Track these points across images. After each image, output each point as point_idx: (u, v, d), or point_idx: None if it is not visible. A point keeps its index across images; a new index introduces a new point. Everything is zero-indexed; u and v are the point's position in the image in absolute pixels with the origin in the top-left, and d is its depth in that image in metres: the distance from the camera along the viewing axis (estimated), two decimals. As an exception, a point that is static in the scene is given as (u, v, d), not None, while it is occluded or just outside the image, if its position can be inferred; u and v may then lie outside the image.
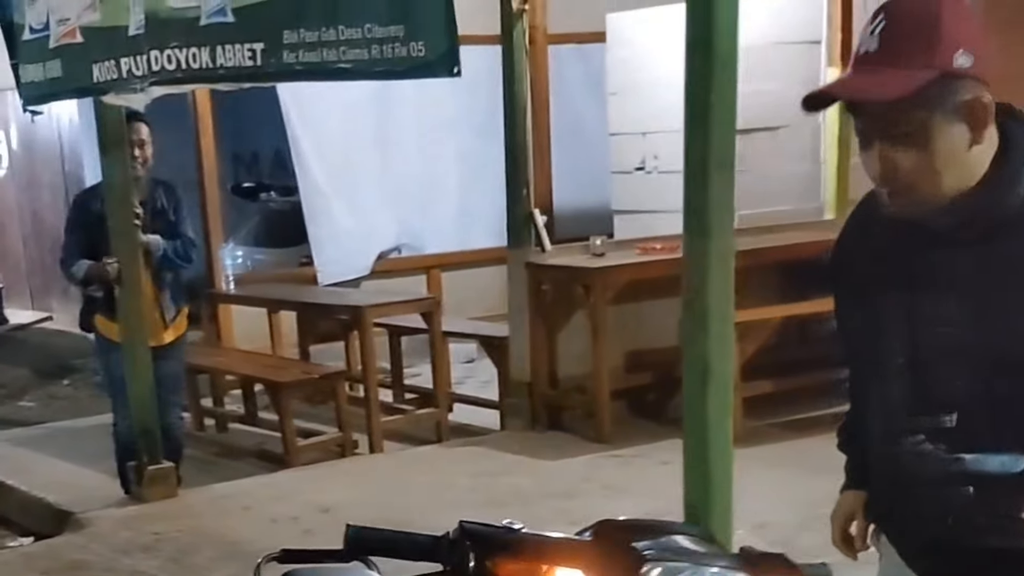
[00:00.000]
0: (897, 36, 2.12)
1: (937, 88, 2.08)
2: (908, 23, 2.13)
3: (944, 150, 2.12)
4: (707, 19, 3.74)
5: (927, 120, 2.10)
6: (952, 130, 2.11)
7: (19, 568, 6.10)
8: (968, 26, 2.13)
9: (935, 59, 2.08)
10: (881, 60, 2.12)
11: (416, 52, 4.23)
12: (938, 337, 2.22)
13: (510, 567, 1.84)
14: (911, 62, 2.09)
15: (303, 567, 2.72)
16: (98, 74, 5.71)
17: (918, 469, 2.29)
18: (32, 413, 10.00)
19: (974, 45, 2.11)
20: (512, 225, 7.74)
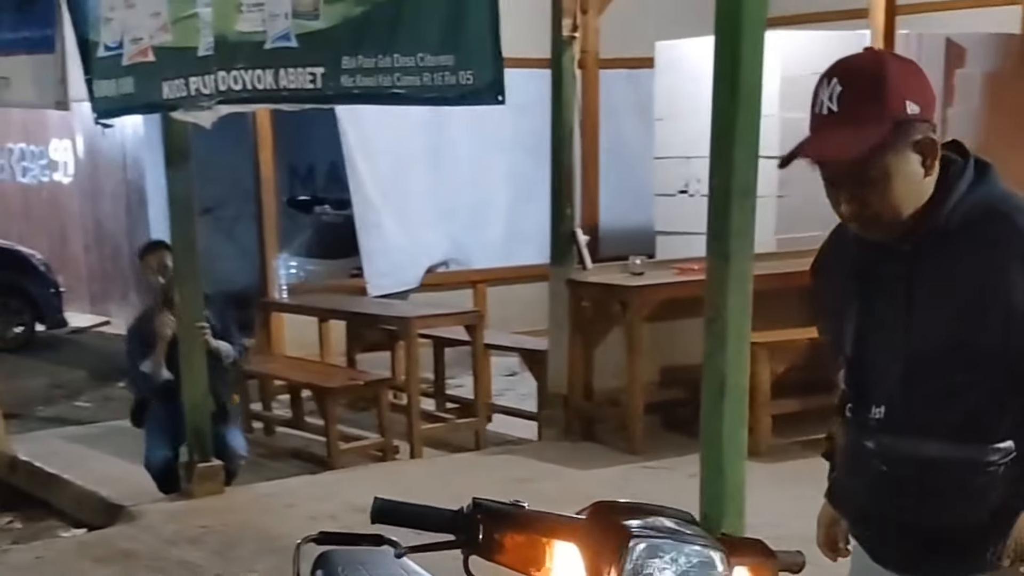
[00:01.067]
0: (852, 97, 2.41)
1: (892, 135, 2.40)
2: (860, 84, 2.43)
3: (903, 185, 2.46)
4: (733, 54, 4.01)
5: (887, 164, 2.43)
6: (908, 167, 2.45)
7: (72, 556, 6.41)
8: (912, 78, 2.47)
9: (887, 112, 2.40)
10: (841, 120, 2.42)
11: (465, 80, 4.54)
12: (878, 337, 2.60)
13: (514, 539, 2.12)
14: (868, 118, 2.39)
15: (337, 548, 3.03)
16: (168, 92, 6.02)
17: (863, 460, 2.65)
18: (87, 413, 10.31)
19: (919, 93, 2.44)
20: (555, 243, 8.03)
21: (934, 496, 2.58)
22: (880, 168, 2.42)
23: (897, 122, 2.40)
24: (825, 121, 2.45)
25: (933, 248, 2.52)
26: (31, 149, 15.40)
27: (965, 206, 2.51)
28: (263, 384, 9.11)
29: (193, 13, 5.68)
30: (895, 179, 2.44)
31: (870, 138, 2.38)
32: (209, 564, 6.11)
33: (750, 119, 4.05)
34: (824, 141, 2.46)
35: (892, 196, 2.46)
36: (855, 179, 2.45)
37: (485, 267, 11.18)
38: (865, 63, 2.54)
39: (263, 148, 10.09)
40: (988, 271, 2.47)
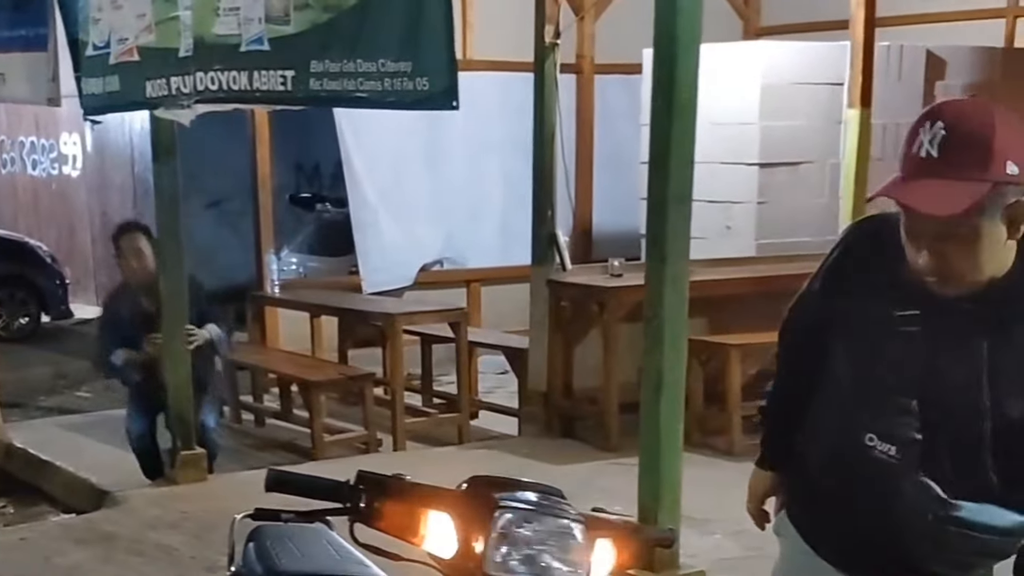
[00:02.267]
0: (956, 147, 2.30)
1: (989, 196, 2.30)
2: (966, 134, 2.31)
3: (988, 248, 2.37)
4: (669, 69, 4.20)
5: (978, 225, 2.33)
6: (996, 230, 2.36)
7: (55, 538, 6.61)
8: (1018, 137, 2.33)
9: (990, 171, 2.28)
10: (940, 170, 2.30)
11: (421, 86, 4.73)
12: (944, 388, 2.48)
13: (394, 508, 2.31)
14: (969, 174, 2.29)
15: (270, 524, 3.23)
16: (151, 90, 6.25)
17: (900, 496, 2.54)
18: (88, 403, 10.52)
19: (1021, 155, 2.32)
20: (536, 244, 8.22)
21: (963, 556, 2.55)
22: (970, 228, 2.33)
23: (996, 183, 2.29)
24: (923, 165, 2.33)
25: (1011, 314, 2.45)
26: (41, 142, 15.66)
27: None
28: (254, 377, 9.33)
29: (175, 15, 5.90)
30: (982, 241, 2.36)
31: (969, 197, 2.28)
32: (186, 547, 6.29)
33: (685, 129, 4.23)
34: (920, 190, 2.34)
35: (976, 257, 2.38)
36: (941, 235, 2.36)
37: (479, 266, 11.38)
38: (975, 112, 2.37)
39: (261, 146, 10.32)
40: None
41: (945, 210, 2.29)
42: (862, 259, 2.66)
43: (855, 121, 8.73)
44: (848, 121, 8.87)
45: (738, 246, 9.18)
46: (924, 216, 2.34)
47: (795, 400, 2.85)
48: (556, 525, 2.26)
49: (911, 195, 2.34)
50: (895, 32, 9.71)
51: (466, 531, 2.25)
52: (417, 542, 2.31)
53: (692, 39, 4.15)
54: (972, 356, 2.45)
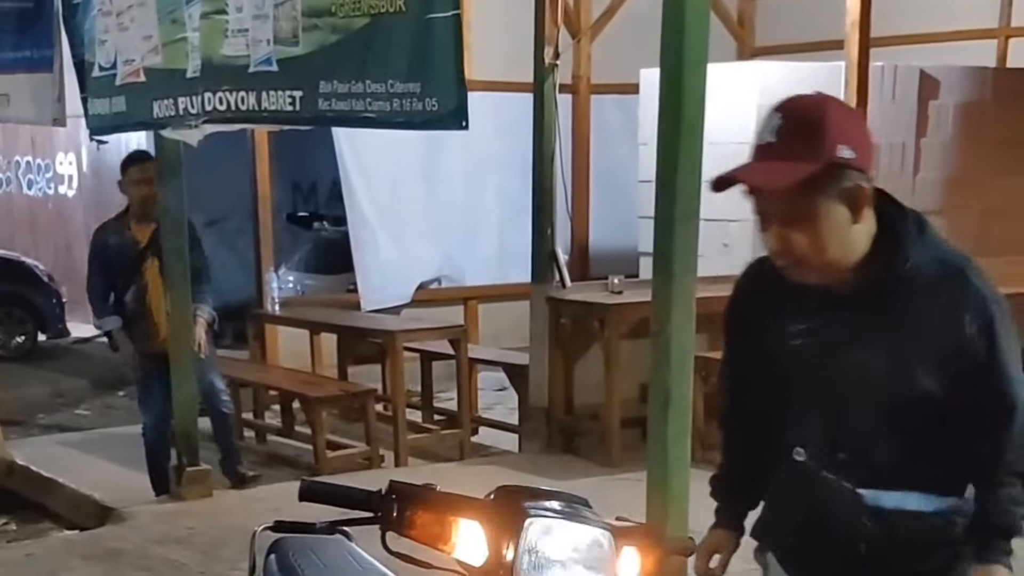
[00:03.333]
0: (790, 132, 2.47)
1: (824, 177, 2.44)
2: (799, 120, 2.48)
3: (828, 229, 2.49)
4: (676, 88, 4.28)
5: (815, 204, 2.47)
6: (836, 212, 2.49)
7: (61, 553, 6.65)
8: (852, 125, 2.53)
9: (821, 152, 2.43)
10: (776, 152, 2.47)
11: (430, 107, 4.81)
12: (846, 383, 2.62)
13: (425, 517, 2.38)
14: (801, 155, 2.44)
15: (290, 535, 3.29)
16: (158, 110, 6.33)
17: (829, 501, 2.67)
18: (87, 421, 10.55)
19: (857, 141, 2.48)
20: (536, 262, 8.29)
21: (902, 546, 2.65)
22: (807, 207, 2.47)
23: (830, 163, 2.44)
24: (762, 151, 2.52)
25: (892, 300, 2.56)
26: (37, 162, 15.72)
27: (922, 260, 2.56)
28: (256, 393, 9.38)
29: (182, 37, 5.98)
30: (821, 221, 2.49)
31: (800, 172, 2.43)
32: (194, 563, 6.33)
33: (692, 147, 4.30)
34: (756, 169, 2.51)
35: (818, 238, 2.50)
36: (782, 215, 2.50)
37: (476, 284, 11.46)
38: (808, 102, 2.57)
39: (260, 165, 10.40)
40: (951, 326, 2.53)
41: (776, 183, 2.45)
42: (755, 294, 2.80)
43: (851, 140, 8.83)
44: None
45: (735, 264, 9.23)
46: (766, 196, 2.50)
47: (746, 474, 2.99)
48: (583, 533, 2.33)
49: (749, 174, 2.51)
50: (889, 52, 9.82)
51: (496, 539, 2.31)
52: (448, 550, 2.38)
53: (699, 58, 4.23)
54: (862, 347, 2.59)
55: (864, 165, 2.50)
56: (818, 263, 2.54)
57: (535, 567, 2.28)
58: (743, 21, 12.28)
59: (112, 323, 7.30)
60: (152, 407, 7.40)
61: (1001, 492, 2.60)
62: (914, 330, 2.55)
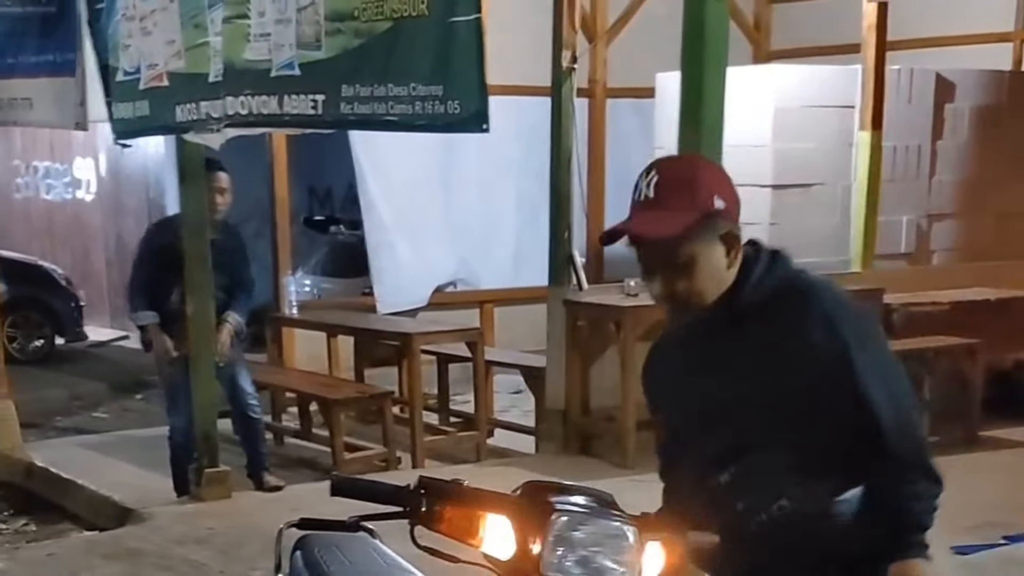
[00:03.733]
0: (667, 187, 2.65)
1: (700, 224, 2.64)
2: (674, 176, 2.69)
3: (708, 271, 2.69)
4: (697, 92, 4.32)
5: (694, 251, 2.66)
6: (714, 256, 2.68)
7: (82, 553, 6.71)
8: (721, 179, 2.74)
9: (697, 203, 2.64)
10: (656, 206, 2.64)
11: (453, 110, 4.85)
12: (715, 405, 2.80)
13: (453, 512, 2.43)
14: (679, 206, 2.63)
15: (316, 532, 3.34)
16: (181, 114, 6.38)
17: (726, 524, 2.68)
18: (105, 423, 10.61)
19: (726, 193, 2.69)
20: (553, 265, 8.34)
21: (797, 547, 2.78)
22: (688, 253, 2.65)
23: (705, 214, 2.63)
24: (642, 206, 2.67)
25: (739, 325, 2.75)
26: (55, 167, 15.80)
27: (766, 285, 2.73)
28: (274, 396, 9.42)
29: (205, 41, 6.04)
30: (700, 265, 2.67)
31: (680, 222, 2.61)
32: (214, 563, 6.39)
33: (712, 150, 4.34)
34: (642, 221, 2.67)
35: (698, 281, 2.68)
36: (665, 263, 2.67)
37: (492, 287, 11.49)
38: (682, 162, 2.92)
39: (278, 169, 10.46)
40: (793, 339, 2.69)
41: (660, 233, 2.63)
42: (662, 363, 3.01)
43: (866, 143, 8.88)
44: (860, 143, 9.02)
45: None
46: (650, 246, 2.67)
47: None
48: (609, 528, 2.38)
49: (635, 225, 2.67)
50: (905, 56, 9.85)
51: (523, 533, 2.36)
52: (476, 544, 2.43)
53: (719, 61, 4.28)
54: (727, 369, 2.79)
55: (734, 215, 2.71)
56: (696, 302, 2.72)
57: (561, 561, 2.33)
58: (759, 25, 12.30)
59: (150, 318, 7.35)
60: (181, 409, 7.45)
61: (904, 490, 2.71)
62: (766, 351, 2.73)
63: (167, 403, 7.72)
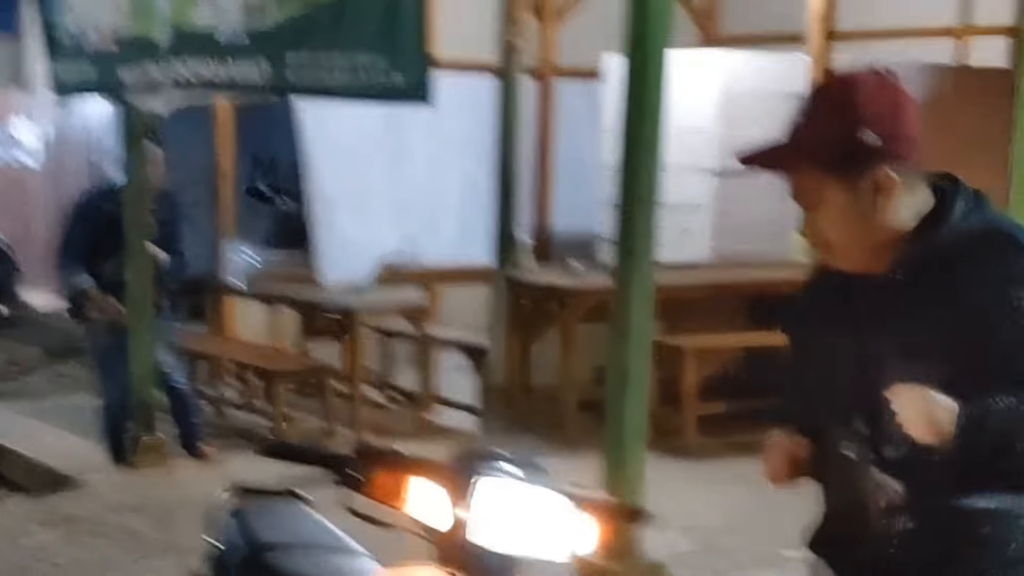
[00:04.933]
0: (813, 112, 2.37)
1: (834, 164, 2.32)
2: (825, 100, 2.40)
3: (845, 218, 2.35)
4: (639, 74, 4.34)
5: (824, 192, 2.34)
6: (854, 201, 2.34)
7: (19, 519, 6.69)
8: (885, 107, 2.33)
9: (833, 139, 2.31)
10: (796, 133, 2.38)
11: (395, 80, 4.85)
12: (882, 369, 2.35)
13: (385, 477, 2.43)
14: (814, 139, 2.34)
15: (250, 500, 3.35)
16: (126, 77, 6.34)
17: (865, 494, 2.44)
18: (41, 389, 10.56)
19: (888, 125, 2.32)
20: (497, 244, 8.36)
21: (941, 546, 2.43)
22: (818, 195, 2.36)
23: (845, 152, 2.32)
24: (789, 130, 2.41)
25: (929, 275, 2.36)
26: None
27: (964, 229, 2.37)
28: (214, 366, 9.38)
29: (152, 4, 5.99)
30: (833, 210, 2.36)
31: (802, 159, 2.36)
32: (149, 530, 6.39)
33: (653, 132, 4.37)
34: (773, 151, 2.43)
35: (836, 226, 2.37)
36: (801, 200, 2.40)
37: (438, 264, 11.46)
38: (844, 81, 2.44)
39: (222, 138, 10.37)
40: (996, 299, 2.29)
41: (777, 167, 2.43)
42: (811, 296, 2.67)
43: (811, 131, 8.92)
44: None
45: (695, 251, 9.33)
46: (792, 183, 2.41)
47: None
48: (537, 496, 2.38)
49: (762, 154, 2.46)
50: (851, 46, 9.90)
51: (453, 500, 2.37)
52: (406, 510, 2.43)
53: (661, 42, 4.29)
54: (895, 334, 2.38)
55: (895, 151, 2.33)
56: (848, 251, 2.42)
57: (488, 528, 2.33)
58: (709, 9, 12.32)
59: (88, 281, 7.22)
60: (115, 377, 7.40)
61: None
62: (954, 304, 2.32)
63: (99, 371, 7.65)
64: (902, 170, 2.34)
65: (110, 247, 7.18)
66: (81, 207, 7.48)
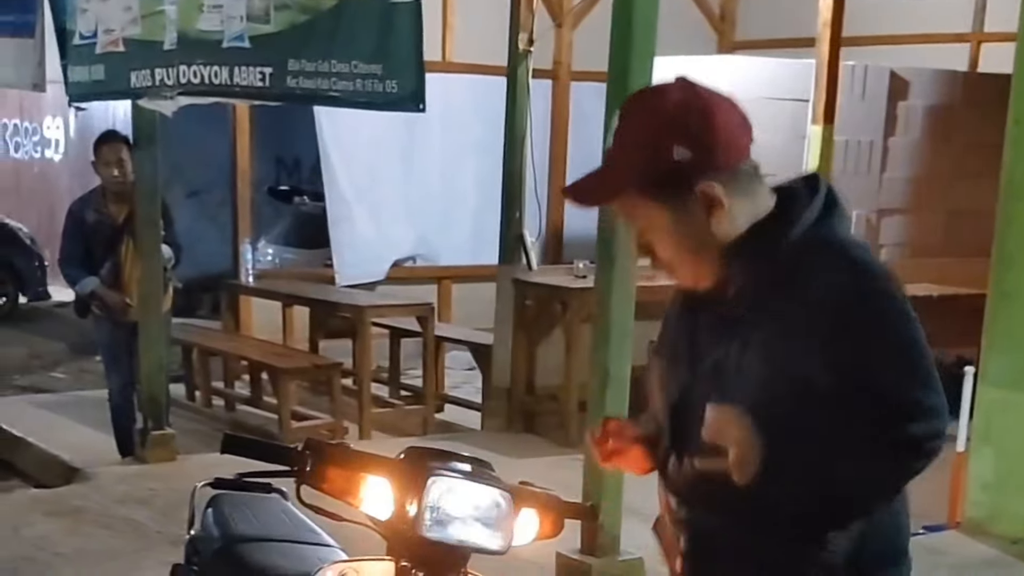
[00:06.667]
0: (620, 135, 2.20)
1: (647, 185, 2.16)
2: (630, 122, 2.21)
3: (683, 234, 2.19)
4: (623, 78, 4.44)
5: (644, 214, 2.21)
6: (688, 216, 2.17)
7: (25, 509, 6.81)
8: (688, 119, 2.15)
9: (639, 159, 2.15)
10: (608, 158, 2.24)
11: (390, 89, 4.99)
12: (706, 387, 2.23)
13: (337, 472, 2.54)
14: (622, 163, 2.19)
15: (229, 493, 3.47)
16: (135, 80, 6.49)
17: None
18: (62, 383, 10.72)
19: (695, 138, 2.14)
20: (503, 244, 8.47)
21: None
22: (642, 220, 2.24)
23: (660, 173, 2.16)
24: (605, 155, 2.28)
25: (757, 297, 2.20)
26: (25, 125, 15.83)
27: (794, 248, 2.19)
28: (226, 363, 9.53)
29: (161, 10, 6.14)
30: (662, 231, 2.22)
31: (612, 185, 2.23)
32: (153, 523, 6.50)
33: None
34: (585, 181, 2.30)
35: (669, 246, 2.24)
36: (629, 223, 2.31)
37: (451, 264, 11.61)
38: (643, 100, 2.32)
39: (241, 137, 10.54)
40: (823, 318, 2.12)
41: (587, 200, 2.34)
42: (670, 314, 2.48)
43: (818, 137, 9.00)
44: (812, 136, 9.15)
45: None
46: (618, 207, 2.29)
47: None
48: (483, 493, 2.50)
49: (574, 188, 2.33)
50: (861, 52, 9.97)
51: (402, 495, 2.48)
52: (357, 504, 2.54)
53: (647, 50, 4.39)
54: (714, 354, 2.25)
55: (713, 162, 2.16)
56: (686, 268, 2.27)
57: (436, 523, 2.45)
58: (724, 15, 12.42)
59: (92, 283, 7.40)
60: (119, 372, 7.59)
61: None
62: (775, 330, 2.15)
63: (105, 365, 7.82)
64: (728, 179, 2.18)
65: (103, 252, 7.38)
66: (70, 218, 7.61)
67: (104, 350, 7.81)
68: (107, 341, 7.64)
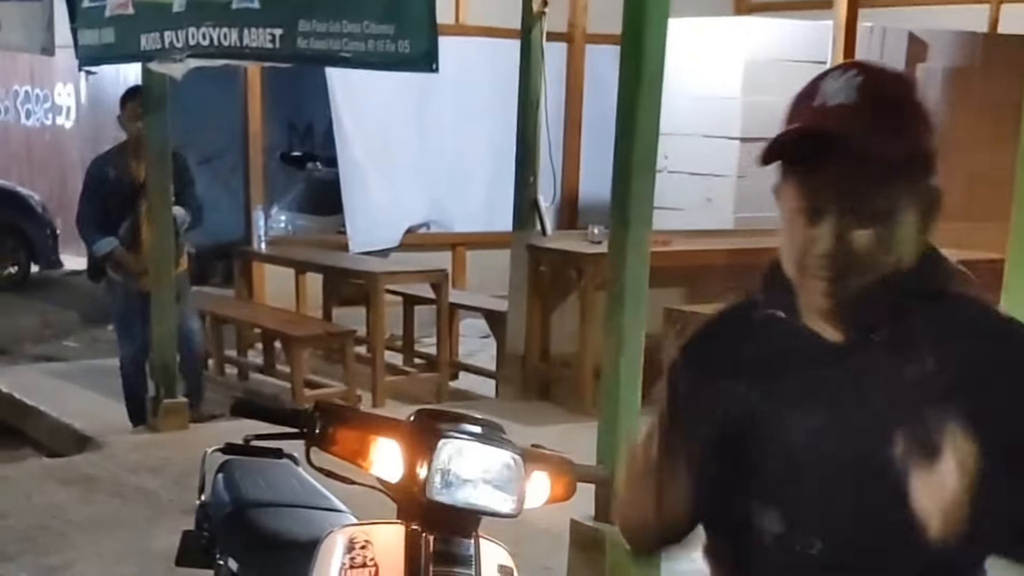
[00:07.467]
0: (877, 97, 1.83)
1: (914, 166, 1.84)
2: (886, 88, 1.88)
3: (901, 236, 1.85)
4: (638, 39, 4.35)
5: (895, 196, 1.83)
6: (912, 215, 1.86)
7: (37, 478, 6.81)
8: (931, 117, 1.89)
9: (917, 132, 1.85)
10: (860, 117, 1.80)
11: (403, 49, 4.91)
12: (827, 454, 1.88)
13: (346, 434, 2.49)
14: (892, 125, 1.81)
15: (239, 458, 3.43)
16: (145, 43, 6.41)
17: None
18: (74, 352, 10.69)
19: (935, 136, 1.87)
20: (517, 210, 8.38)
21: None
22: (886, 199, 1.82)
23: (920, 152, 1.85)
24: (832, 113, 1.83)
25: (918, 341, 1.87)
26: (36, 92, 15.76)
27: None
28: (239, 331, 9.49)
29: (169, -29, 6.07)
30: (897, 224, 1.85)
31: (903, 145, 1.81)
32: (165, 491, 6.48)
33: (652, 99, 4.38)
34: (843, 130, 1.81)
35: (886, 245, 1.84)
36: (853, 206, 1.81)
37: (465, 231, 11.54)
38: (891, 72, 1.98)
39: (252, 103, 10.48)
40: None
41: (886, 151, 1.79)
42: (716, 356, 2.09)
43: (836, 100, 8.90)
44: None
45: (717, 219, 9.34)
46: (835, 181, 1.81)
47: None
48: (494, 455, 2.45)
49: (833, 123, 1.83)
50: (878, 13, 9.86)
51: (412, 458, 2.43)
52: (367, 467, 2.50)
53: (662, 11, 4.31)
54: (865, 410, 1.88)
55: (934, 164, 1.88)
56: (872, 277, 1.84)
57: (446, 485, 2.40)
58: (741, -23, 12.29)
59: (110, 244, 7.38)
60: (131, 339, 7.55)
61: None
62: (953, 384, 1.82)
63: (118, 333, 7.78)
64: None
65: (121, 211, 7.31)
66: (89, 176, 7.60)
67: (117, 318, 7.79)
68: (120, 308, 7.61)
